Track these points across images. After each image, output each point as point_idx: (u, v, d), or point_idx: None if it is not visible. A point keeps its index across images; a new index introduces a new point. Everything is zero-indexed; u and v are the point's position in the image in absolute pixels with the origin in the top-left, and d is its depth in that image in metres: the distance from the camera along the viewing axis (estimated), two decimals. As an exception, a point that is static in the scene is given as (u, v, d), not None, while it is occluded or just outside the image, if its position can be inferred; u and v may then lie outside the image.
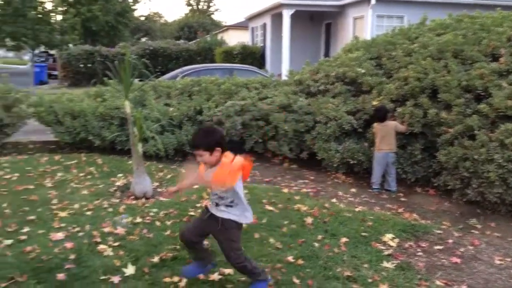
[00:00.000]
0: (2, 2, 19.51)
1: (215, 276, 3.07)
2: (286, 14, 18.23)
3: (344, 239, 3.81)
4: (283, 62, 18.20)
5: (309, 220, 4.21)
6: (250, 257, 2.99)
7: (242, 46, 22.09)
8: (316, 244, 3.70)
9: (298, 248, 3.63)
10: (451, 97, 5.26)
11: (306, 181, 5.96)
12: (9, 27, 19.14)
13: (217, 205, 2.82)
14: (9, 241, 3.62)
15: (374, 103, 5.89)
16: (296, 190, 5.42)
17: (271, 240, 3.76)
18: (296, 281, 3.08)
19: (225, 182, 2.65)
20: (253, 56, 21.45)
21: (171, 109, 6.90)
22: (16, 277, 3.04)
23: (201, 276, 3.08)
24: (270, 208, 4.56)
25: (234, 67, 11.78)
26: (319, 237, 3.86)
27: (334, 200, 5.05)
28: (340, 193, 5.43)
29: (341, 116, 5.93)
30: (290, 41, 18.42)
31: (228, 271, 3.16)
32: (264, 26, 22.19)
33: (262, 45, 22.64)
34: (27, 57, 58.60)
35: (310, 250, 3.59)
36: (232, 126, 6.67)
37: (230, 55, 21.19)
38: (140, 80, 7.15)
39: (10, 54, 64.00)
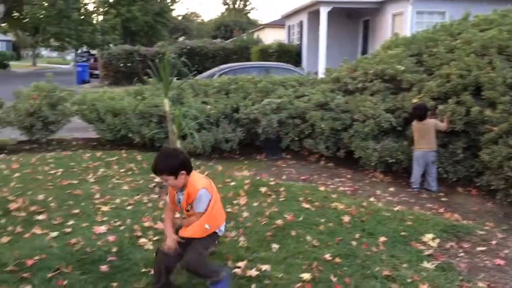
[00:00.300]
0: (47, 4, 20.31)
1: (252, 272, 3.10)
2: (324, 12, 18.08)
3: (382, 238, 3.76)
4: (320, 60, 18.07)
5: (346, 218, 4.17)
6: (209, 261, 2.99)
7: (278, 44, 22.08)
8: (354, 243, 3.67)
9: (335, 246, 3.61)
10: (495, 94, 5.09)
11: (343, 179, 5.91)
12: (53, 28, 19.93)
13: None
14: (55, 233, 3.77)
15: (414, 100, 5.77)
16: (332, 188, 5.39)
17: (308, 237, 3.75)
18: (333, 279, 3.07)
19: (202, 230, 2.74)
20: (289, 54, 21.40)
21: (208, 107, 6.99)
22: (61, 268, 3.17)
23: (239, 272, 3.11)
24: (307, 206, 4.55)
25: (270, 65, 11.79)
26: (357, 235, 3.82)
27: (372, 199, 4.98)
28: (378, 192, 5.35)
29: (380, 114, 5.84)
30: (327, 38, 18.26)
31: (265, 267, 3.17)
32: (300, 24, 22.10)
33: (298, 43, 22.56)
34: (69, 57, 60.71)
35: (348, 249, 3.56)
36: (269, 124, 6.68)
37: (266, 54, 21.22)
38: (178, 79, 7.28)
39: (54, 54, 66.53)
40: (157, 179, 5.54)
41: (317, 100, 6.59)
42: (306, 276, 3.07)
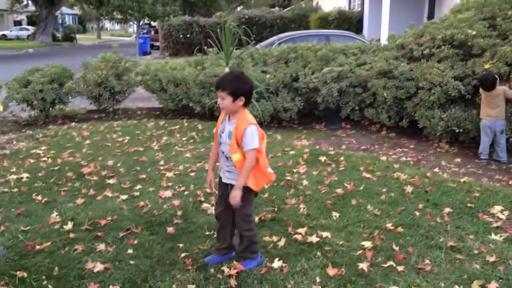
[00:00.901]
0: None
1: (313, 238, 3.13)
2: (387, -25, 17.20)
3: (447, 209, 3.64)
4: (382, 27, 17.32)
5: (409, 189, 4.08)
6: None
7: (338, 11, 21.39)
8: (417, 213, 3.59)
9: (397, 216, 3.55)
10: None
11: (406, 149, 5.74)
12: (116, 1, 20.48)
13: (225, 171, 2.75)
14: (124, 196, 3.99)
15: (486, 66, 5.43)
16: (395, 158, 5.26)
17: (369, 207, 3.71)
18: (396, 248, 3.03)
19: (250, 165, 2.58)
20: (349, 22, 20.71)
21: (267, 76, 6.98)
22: (132, 228, 3.36)
23: (299, 238, 3.16)
24: (368, 175, 4.49)
25: (330, 33, 11.50)
26: (420, 206, 3.73)
27: (436, 169, 4.81)
28: (443, 162, 5.15)
29: (447, 82, 5.56)
30: (390, 4, 17.44)
31: (326, 234, 3.19)
32: (362, -11, 21.23)
33: (359, 9, 21.75)
34: (131, 29, 62.40)
35: (410, 219, 3.49)
36: (329, 93, 6.58)
37: (325, 21, 20.66)
38: (238, 48, 7.29)
39: (117, 26, 68.61)
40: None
41: (379, 68, 6.38)
42: (367, 244, 3.06)
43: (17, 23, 52.02)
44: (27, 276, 2.71)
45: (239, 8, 39.44)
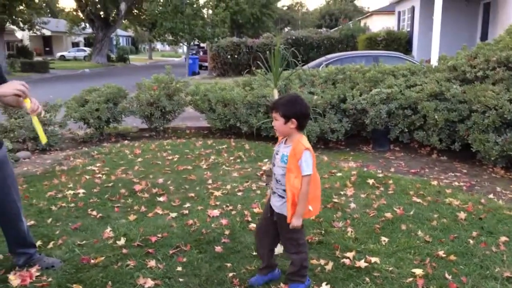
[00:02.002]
0: (163, 1, 21.78)
1: (361, 263, 3.08)
2: (438, -5, 16.90)
3: (503, 238, 3.49)
4: (433, 47, 16.93)
5: (462, 215, 3.94)
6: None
7: (386, 31, 21.22)
8: (471, 241, 3.46)
9: (449, 243, 3.44)
10: None
11: (458, 174, 5.56)
12: (169, 23, 21.30)
13: (273, 193, 2.73)
14: (174, 214, 4.10)
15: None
16: (446, 183, 5.10)
17: (420, 233, 3.61)
18: (448, 276, 2.93)
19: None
20: (398, 42, 20.47)
21: (315, 97, 7.00)
22: (181, 246, 3.43)
23: (347, 262, 3.12)
24: (418, 200, 4.38)
25: (379, 53, 11.41)
26: (474, 234, 3.59)
27: (491, 196, 4.63)
28: (499, 188, 4.95)
29: (503, 105, 5.37)
30: (441, 24, 17.09)
31: (375, 259, 3.14)
32: (412, 10, 20.97)
33: (409, 29, 21.46)
34: (180, 50, 64.39)
35: (464, 247, 3.37)
36: (377, 115, 6.51)
37: (373, 42, 20.52)
38: (285, 69, 7.37)
39: (167, 47, 71.02)
40: (265, 167, 5.72)
41: (431, 90, 6.26)
42: (418, 271, 2.98)
43: (75, 44, 55.03)
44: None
45: (286, 29, 39.90)
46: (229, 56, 22.98)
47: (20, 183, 5.22)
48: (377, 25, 28.45)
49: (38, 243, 3.46)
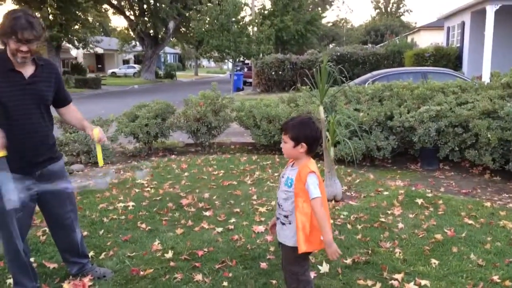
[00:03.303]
0: (210, 19, 22.35)
1: (411, 286, 3.00)
2: (490, 10, 16.42)
3: None
4: (484, 64, 16.45)
5: (518, 239, 3.76)
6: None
7: (435, 47, 20.76)
8: (528, 267, 3.30)
9: (504, 267, 3.29)
10: None
11: (513, 195, 5.32)
12: (215, 41, 21.81)
13: (277, 218, 2.60)
14: (220, 229, 4.15)
15: None
16: (500, 204, 4.88)
17: (472, 256, 3.48)
18: (504, 304, 2.80)
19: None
20: (447, 58, 19.96)
21: (361, 114, 6.93)
22: (226, 261, 3.47)
23: (396, 284, 3.05)
24: (470, 222, 4.22)
25: (428, 70, 11.15)
26: (532, 259, 3.42)
27: (550, 219, 4.39)
28: (558, 212, 4.68)
29: (562, 124, 5.12)
30: (493, 40, 16.55)
31: (425, 282, 3.04)
32: (462, 25, 20.45)
33: (458, 45, 20.90)
34: (225, 66, 65.55)
35: (521, 273, 3.21)
36: (426, 133, 6.35)
37: (421, 58, 20.10)
38: (331, 86, 7.35)
39: (212, 64, 72.53)
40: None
41: (483, 108, 6.05)
42: (471, 297, 2.87)
43: (126, 62, 57.27)
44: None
45: (331, 45, 39.82)
46: (273, 73, 23.18)
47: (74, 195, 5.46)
48: (425, 40, 27.91)
49: (91, 253, 3.60)
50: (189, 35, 40.19)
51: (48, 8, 26.82)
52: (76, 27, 29.99)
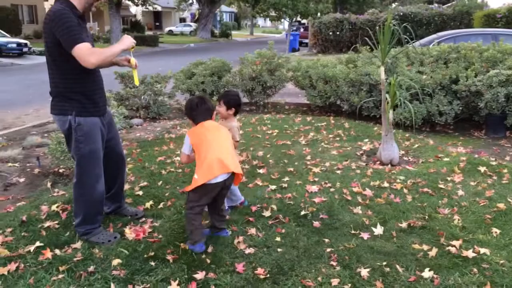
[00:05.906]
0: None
1: (469, 253, 2.91)
2: None
3: None
4: None
5: None
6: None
7: (508, 8, 19.23)
8: None
9: None
10: None
11: None
12: (273, -1, 21.40)
13: None
14: (273, 187, 4.18)
15: None
16: None
17: (538, 228, 3.31)
18: None
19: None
20: (521, 19, 18.46)
21: (424, 77, 6.62)
22: (280, 218, 3.51)
23: (453, 250, 2.96)
24: (537, 193, 3.99)
25: (499, 32, 10.40)
26: None
27: None
28: None
29: None
30: None
31: (484, 250, 2.94)
32: (540, -17, 18.74)
33: (535, 5, 19.25)
34: (281, 26, 64.35)
35: None
36: (493, 98, 5.99)
37: (492, 19, 18.70)
38: (392, 47, 7.04)
39: (268, 24, 71.41)
40: (365, 147, 5.59)
41: (560, 73, 5.60)
42: (534, 268, 2.75)
43: (182, 20, 57.59)
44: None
45: (393, 5, 37.94)
46: (331, 33, 22.50)
47: (134, 147, 5.67)
48: (497, 0, 25.88)
49: (150, 202, 3.76)
50: (246, -7, 39.63)
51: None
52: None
